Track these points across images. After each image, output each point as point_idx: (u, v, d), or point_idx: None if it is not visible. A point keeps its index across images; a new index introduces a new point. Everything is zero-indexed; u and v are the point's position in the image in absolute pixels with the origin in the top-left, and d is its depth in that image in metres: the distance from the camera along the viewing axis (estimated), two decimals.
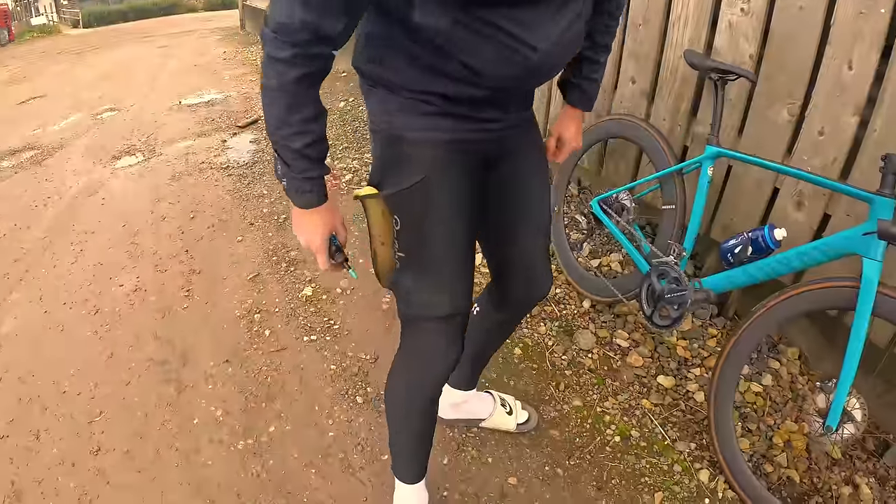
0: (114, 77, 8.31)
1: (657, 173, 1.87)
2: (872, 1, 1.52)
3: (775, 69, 1.80)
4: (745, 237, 1.56)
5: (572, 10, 0.95)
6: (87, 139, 4.97)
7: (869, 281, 1.24)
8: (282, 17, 0.85)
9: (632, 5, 2.23)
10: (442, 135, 1.01)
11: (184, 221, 3.08)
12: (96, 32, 21.48)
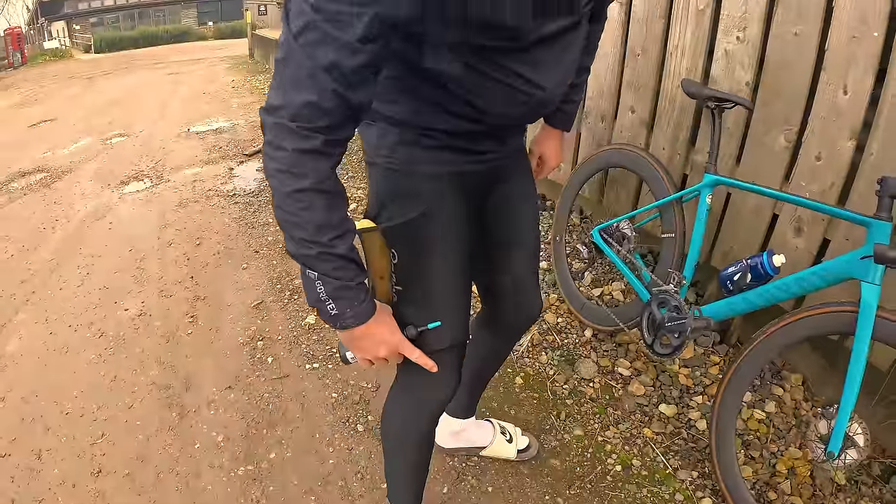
0: (124, 103, 8.50)
1: (657, 202, 1.91)
2: (865, 25, 1.56)
3: (771, 96, 1.85)
4: (744, 264, 1.59)
5: (577, 44, 0.97)
6: (96, 163, 5.10)
7: (868, 305, 1.25)
8: (309, 97, 0.75)
9: (630, 35, 2.30)
10: (441, 168, 1.02)
11: (190, 248, 3.14)
12: (108, 58, 22.00)
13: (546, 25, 0.86)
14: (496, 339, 1.42)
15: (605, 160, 2.20)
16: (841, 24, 1.62)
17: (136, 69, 15.00)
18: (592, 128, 2.57)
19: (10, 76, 18.98)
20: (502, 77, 0.88)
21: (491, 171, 1.10)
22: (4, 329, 2.57)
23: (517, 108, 0.95)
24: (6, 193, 4.54)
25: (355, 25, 0.71)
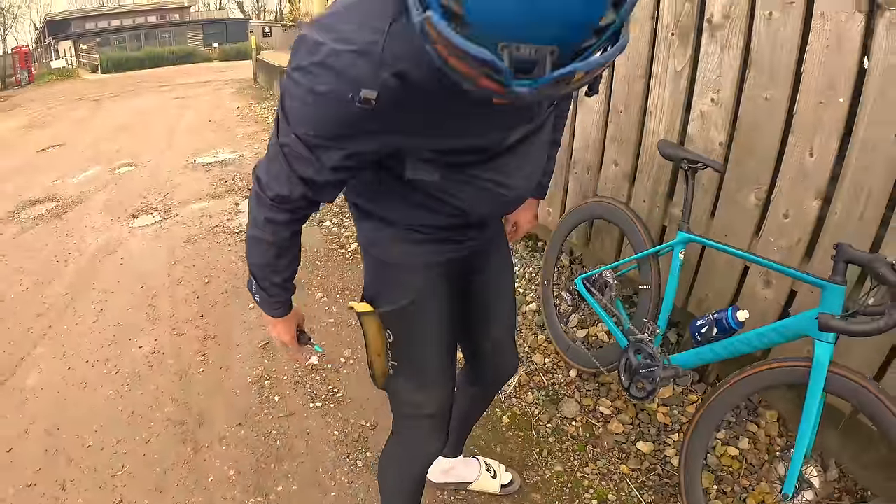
0: (131, 129, 8.73)
1: (635, 255, 2.09)
2: (832, 91, 1.73)
3: (743, 156, 2.02)
4: (711, 318, 1.75)
5: (540, 144, 1.12)
6: (105, 194, 5.29)
7: (820, 362, 1.40)
8: (282, 191, 0.97)
9: (613, 92, 2.50)
10: (428, 259, 1.18)
11: (199, 286, 3.32)
12: (115, 79, 22.22)
13: (509, 138, 1.00)
14: (477, 391, 1.61)
15: (589, 212, 2.39)
16: (809, 89, 1.79)
17: (143, 92, 15.25)
18: (579, 178, 2.76)
19: (18, 94, 19.31)
20: (476, 183, 1.04)
21: (472, 254, 1.28)
22: (24, 363, 2.73)
23: (495, 207, 1.13)
24: (18, 223, 4.74)
25: (331, 156, 0.91)
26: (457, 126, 0.91)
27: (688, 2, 2.12)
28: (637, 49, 2.33)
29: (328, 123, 0.87)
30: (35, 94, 18.80)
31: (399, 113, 0.84)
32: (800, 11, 1.79)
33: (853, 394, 1.40)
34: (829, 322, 1.33)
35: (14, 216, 4.92)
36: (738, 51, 1.98)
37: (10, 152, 7.95)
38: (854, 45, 1.66)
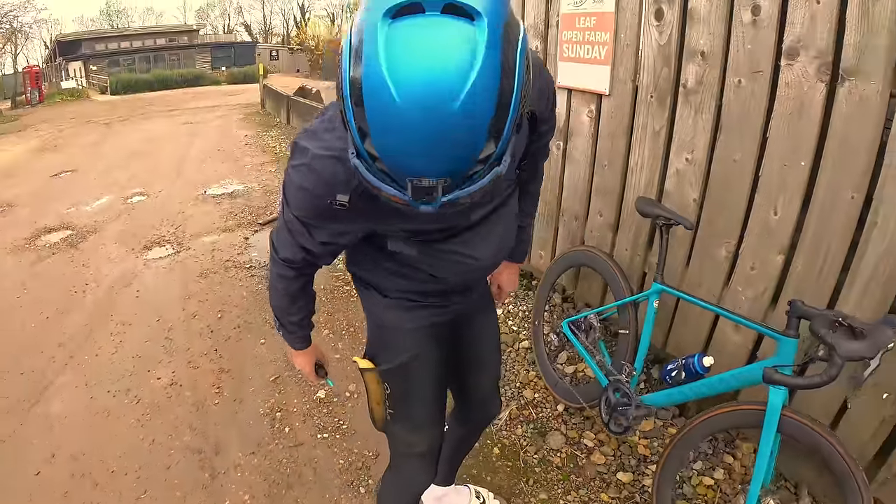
0: (142, 156, 9.05)
1: (615, 302, 2.32)
2: (795, 155, 1.94)
3: (715, 212, 2.24)
4: (679, 363, 1.96)
5: (506, 217, 1.29)
6: (119, 225, 5.56)
7: (773, 406, 1.58)
8: (288, 255, 1.22)
9: (598, 148, 2.74)
10: (422, 321, 1.38)
11: (212, 320, 3.53)
12: (124, 101, 22.64)
13: (471, 217, 1.17)
14: (465, 430, 1.84)
15: (576, 259, 2.63)
16: (774, 153, 2.00)
17: (153, 115, 15.65)
18: (568, 225, 3.00)
19: (28, 114, 19.70)
20: (445, 256, 1.22)
21: (459, 315, 1.48)
22: (48, 391, 2.94)
23: (467, 274, 1.32)
24: (35, 251, 4.99)
25: (320, 233, 1.15)
26: (422, 214, 1.01)
27: (665, 67, 2.35)
28: (620, 109, 2.58)
29: (313, 212, 1.10)
30: (46, 114, 19.22)
31: (371, 207, 0.97)
32: (766, 80, 2.00)
33: (806, 437, 1.57)
34: (772, 375, 1.51)
35: (31, 244, 5.19)
36: (710, 115, 2.21)
37: (24, 177, 8.27)
38: (816, 112, 1.87)
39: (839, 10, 1.78)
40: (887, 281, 1.74)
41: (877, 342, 1.40)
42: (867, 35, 1.71)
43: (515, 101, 0.75)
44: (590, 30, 2.61)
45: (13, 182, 7.96)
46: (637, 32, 2.44)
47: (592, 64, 2.63)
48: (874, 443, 1.83)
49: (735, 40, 2.08)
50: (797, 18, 1.88)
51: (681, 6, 2.25)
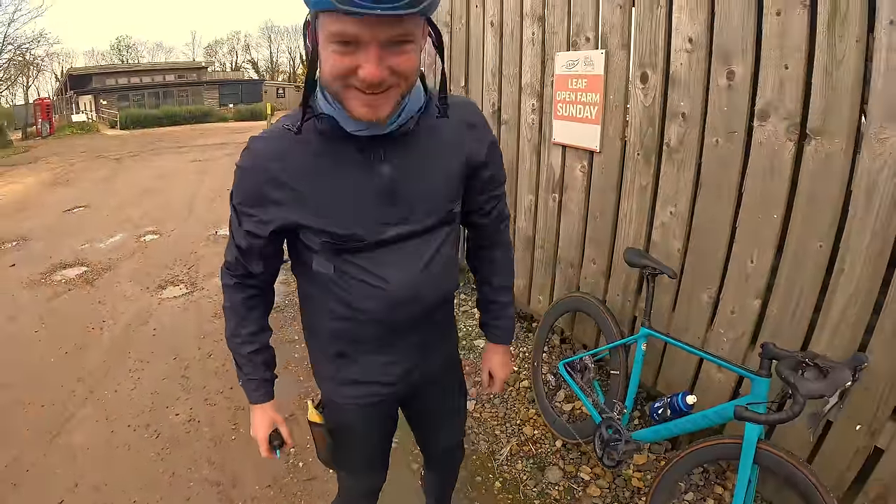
0: (153, 193, 9.35)
1: (607, 345, 2.51)
2: (768, 208, 2.14)
3: (697, 261, 2.44)
4: (665, 401, 2.15)
5: (427, 247, 1.24)
6: (133, 263, 5.79)
7: (749, 440, 1.75)
8: (228, 257, 1.31)
9: (590, 201, 2.96)
10: (360, 400, 1.41)
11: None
12: (133, 136, 23.08)
13: (384, 233, 1.18)
14: (436, 474, 1.93)
15: (571, 305, 2.83)
16: (749, 206, 2.21)
17: (162, 152, 16.03)
18: (564, 272, 3.21)
19: (39, 146, 20.11)
20: (357, 274, 1.20)
21: (405, 391, 1.47)
22: (69, 423, 3.09)
23: (379, 303, 1.23)
24: (51, 286, 5.21)
25: (246, 223, 1.20)
26: (337, 208, 1.15)
27: (650, 126, 2.59)
28: (610, 165, 2.81)
29: (246, 193, 1.18)
30: (56, 146, 19.66)
31: (294, 187, 1.14)
32: (741, 139, 2.23)
33: (782, 468, 1.73)
34: (741, 413, 1.65)
35: (47, 279, 5.42)
36: (692, 171, 2.43)
37: (37, 210, 8.56)
38: (786, 168, 2.08)
39: (805, 75, 2.00)
40: (855, 322, 1.92)
41: (836, 381, 1.57)
42: (831, 98, 1.93)
43: None
44: (581, 91, 2.86)
45: (26, 215, 8.25)
46: (624, 94, 2.69)
47: (584, 123, 2.87)
48: (851, 472, 1.99)
49: (712, 103, 2.31)
50: (768, 83, 2.12)
51: (663, 71, 2.50)
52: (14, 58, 25.75)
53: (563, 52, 3.00)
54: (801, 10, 1.97)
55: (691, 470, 2.09)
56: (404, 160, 1.16)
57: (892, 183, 1.79)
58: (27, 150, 19.25)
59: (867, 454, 1.95)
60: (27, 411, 3.21)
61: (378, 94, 1.01)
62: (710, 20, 2.28)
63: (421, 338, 1.39)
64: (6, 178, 12.43)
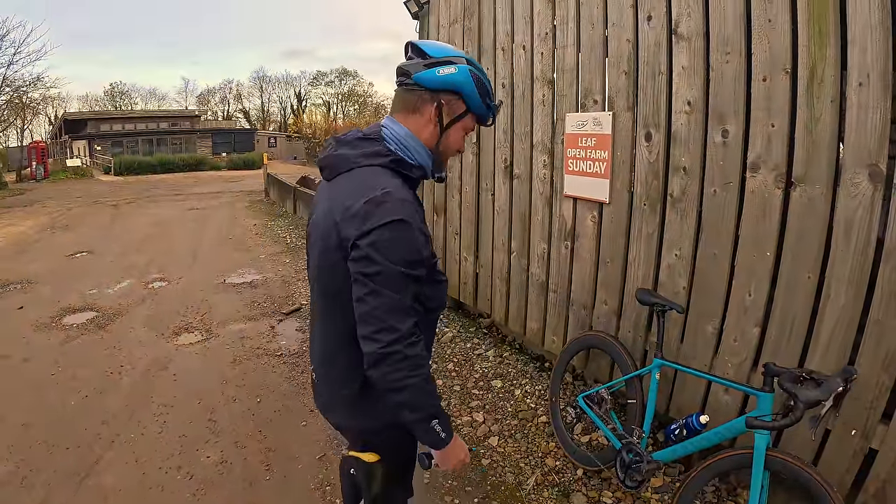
0: (155, 240, 9.52)
1: (623, 377, 2.74)
2: (761, 247, 2.43)
3: (700, 297, 2.72)
4: (680, 422, 2.38)
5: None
6: (144, 309, 5.91)
7: (759, 449, 1.96)
8: (410, 323, 1.30)
9: (601, 248, 3.24)
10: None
11: (252, 404, 3.82)
12: (127, 182, 23.19)
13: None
14: None
15: (586, 342, 3.07)
16: (745, 246, 2.51)
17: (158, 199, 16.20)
18: (577, 314, 3.47)
19: (34, 189, 20.18)
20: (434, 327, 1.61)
21: None
22: (97, 465, 3.12)
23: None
24: (63, 330, 5.29)
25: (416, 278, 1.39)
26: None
27: (655, 179, 2.89)
28: (619, 215, 3.10)
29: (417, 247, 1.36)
30: (51, 190, 19.78)
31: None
32: (736, 188, 2.54)
33: (789, 471, 1.95)
34: (752, 422, 1.94)
35: (57, 322, 5.50)
36: (693, 218, 2.73)
37: (39, 254, 8.70)
38: (776, 212, 2.40)
39: (789, 131, 2.34)
40: (843, 341, 2.21)
41: (830, 388, 1.87)
42: (811, 150, 2.27)
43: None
44: (591, 148, 3.17)
45: (29, 258, 8.39)
46: (631, 151, 3.01)
47: (594, 177, 3.18)
48: (850, 473, 2.22)
49: (710, 158, 2.64)
50: (757, 139, 2.45)
51: (665, 130, 2.82)
52: (12, 100, 26.04)
53: (572, 113, 3.33)
54: (784, 75, 2.32)
55: (708, 482, 2.29)
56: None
57: (867, 220, 2.11)
58: (22, 192, 19.39)
59: (863, 455, 2.18)
60: (52, 453, 3.23)
61: None
62: (706, 85, 2.62)
63: None
64: (3, 220, 12.55)
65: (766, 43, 2.36)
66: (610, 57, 3.11)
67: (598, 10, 3.15)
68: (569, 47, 3.38)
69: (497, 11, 4.04)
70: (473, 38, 4.34)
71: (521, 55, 3.82)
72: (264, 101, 61.31)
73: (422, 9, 5.07)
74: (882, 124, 2.04)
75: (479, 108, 1.51)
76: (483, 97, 1.50)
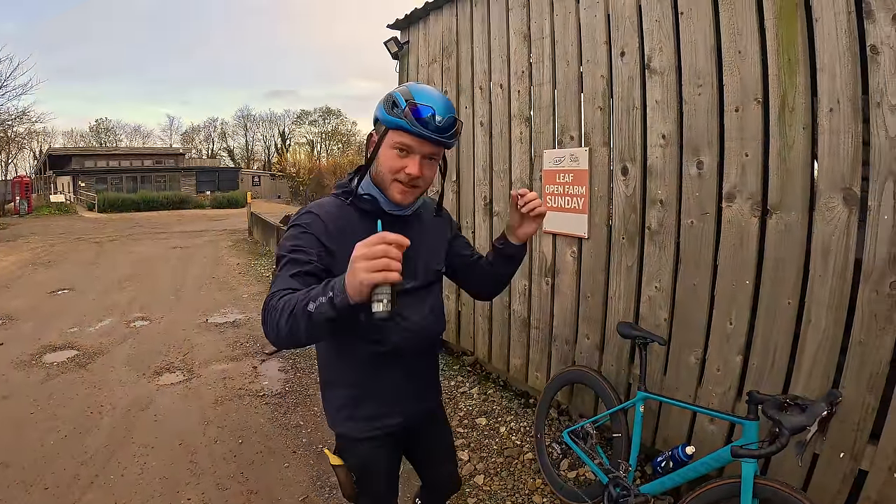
0: (138, 279, 9.36)
1: (607, 411, 2.70)
2: (740, 275, 2.42)
3: (682, 328, 2.70)
4: (666, 454, 2.33)
5: (429, 297, 1.70)
6: (126, 348, 5.76)
7: (746, 477, 1.91)
8: (279, 286, 1.35)
9: (581, 283, 3.23)
10: (372, 433, 1.68)
11: (234, 445, 3.72)
12: (111, 219, 22.99)
13: (404, 284, 1.51)
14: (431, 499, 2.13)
15: (569, 378, 3.03)
16: (724, 275, 2.50)
17: (142, 237, 16.02)
18: (560, 349, 3.44)
19: (17, 224, 19.95)
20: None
21: (412, 427, 1.80)
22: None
23: (396, 335, 1.59)
24: (43, 368, 5.13)
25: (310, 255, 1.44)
26: None
27: (633, 213, 2.90)
28: (598, 249, 3.10)
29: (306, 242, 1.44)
30: (34, 226, 19.53)
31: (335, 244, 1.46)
32: (712, 219, 2.55)
33: (778, 498, 1.90)
34: (737, 451, 1.91)
35: (37, 360, 5.35)
36: (671, 250, 2.73)
37: (20, 290, 8.52)
38: (753, 240, 2.40)
39: (763, 160, 2.37)
40: (826, 364, 2.20)
41: (814, 412, 1.85)
42: (785, 178, 2.29)
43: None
44: (568, 184, 3.19)
45: (11, 294, 8.21)
46: (608, 185, 3.02)
47: (572, 213, 3.19)
48: (841, 495, 2.19)
49: (685, 189, 2.66)
50: (732, 169, 2.47)
51: (641, 164, 2.84)
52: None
53: (549, 150, 3.36)
54: (756, 105, 2.35)
55: None
56: (412, 235, 1.38)
57: (843, 243, 2.12)
58: (5, 227, 19.13)
59: (853, 478, 2.15)
60: (30, 493, 3.12)
61: (410, 188, 1.52)
62: (680, 118, 2.65)
63: (422, 373, 1.76)
64: None
65: (737, 74, 2.41)
66: (585, 93, 3.16)
67: (573, 47, 3.21)
68: (545, 85, 3.42)
69: (475, 51, 4.10)
70: (452, 77, 4.39)
71: (498, 93, 3.87)
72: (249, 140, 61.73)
73: (401, 49, 5.13)
74: (854, 148, 2.08)
75: (388, 120, 1.46)
76: (389, 107, 1.46)
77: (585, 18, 3.14)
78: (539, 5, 3.46)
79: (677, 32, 2.65)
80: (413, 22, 4.95)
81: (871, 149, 2.02)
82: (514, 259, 1.76)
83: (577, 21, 3.20)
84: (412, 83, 1.51)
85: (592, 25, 3.09)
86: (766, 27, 2.31)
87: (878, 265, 2.02)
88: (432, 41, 4.64)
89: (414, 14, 4.80)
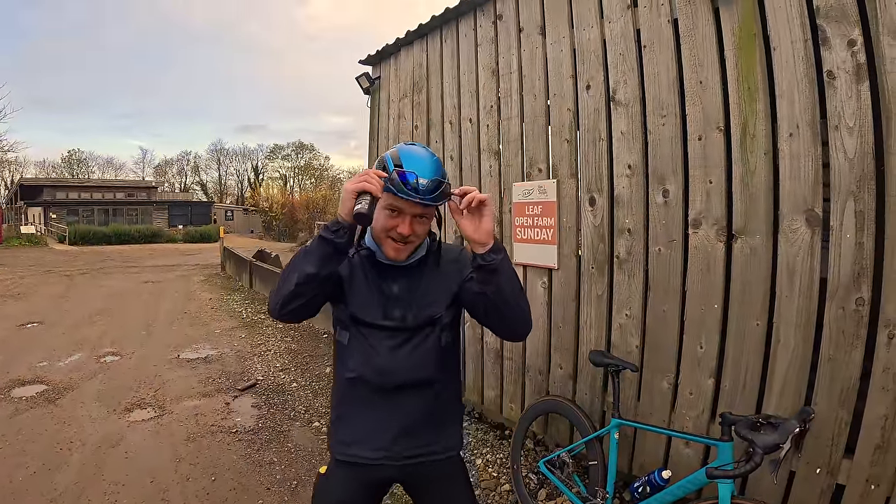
0: (109, 313, 9.07)
1: (582, 440, 2.66)
2: (709, 299, 2.42)
3: (653, 354, 2.69)
4: (643, 479, 2.29)
5: (415, 340, 1.63)
6: (96, 384, 5.53)
7: (724, 498, 1.89)
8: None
9: (553, 313, 3.21)
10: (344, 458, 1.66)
11: (207, 483, 3.57)
12: (83, 252, 22.41)
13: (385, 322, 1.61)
14: None
15: (544, 408, 2.99)
16: (693, 300, 2.50)
17: (113, 271, 15.60)
18: (533, 379, 3.40)
19: None
20: (360, 343, 1.63)
21: (415, 476, 1.70)
22: None
23: (369, 367, 1.61)
24: (11, 403, 4.89)
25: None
26: (363, 300, 1.64)
27: (601, 242, 2.90)
28: (568, 279, 3.09)
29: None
30: (4, 256, 19.06)
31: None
32: (679, 245, 2.56)
33: None
34: (712, 473, 1.89)
35: (5, 395, 5.10)
36: (640, 278, 2.73)
37: None
38: (719, 265, 2.42)
39: (727, 186, 2.39)
40: (797, 382, 2.21)
41: (786, 430, 1.86)
42: (749, 202, 2.31)
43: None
44: (538, 216, 3.19)
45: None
46: (576, 216, 3.03)
47: (542, 244, 3.18)
48: None
49: (652, 217, 2.68)
50: (697, 196, 2.50)
51: (608, 194, 2.86)
52: None
53: (518, 183, 3.36)
54: (718, 133, 2.39)
55: None
56: (407, 283, 1.65)
57: (808, 263, 2.15)
58: None
59: (831, 493, 2.14)
60: None
61: (403, 245, 1.59)
62: (645, 148, 2.68)
63: (414, 414, 1.66)
64: None
65: (699, 103, 2.45)
66: (552, 126, 3.18)
67: (540, 81, 3.24)
68: (513, 118, 3.45)
69: (444, 86, 4.13)
70: (422, 112, 4.40)
71: (468, 128, 3.88)
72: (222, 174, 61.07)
73: (373, 84, 5.14)
74: (814, 171, 2.12)
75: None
76: (381, 170, 1.51)
77: (552, 53, 3.18)
78: (507, 41, 3.51)
79: (641, 65, 2.70)
80: (384, 57, 4.98)
81: (831, 170, 2.07)
82: (494, 272, 1.51)
83: (544, 56, 3.24)
84: (402, 145, 1.56)
85: (559, 60, 3.14)
86: (727, 57, 2.37)
87: (843, 282, 2.05)
88: (403, 76, 4.66)
89: (385, 50, 4.83)
